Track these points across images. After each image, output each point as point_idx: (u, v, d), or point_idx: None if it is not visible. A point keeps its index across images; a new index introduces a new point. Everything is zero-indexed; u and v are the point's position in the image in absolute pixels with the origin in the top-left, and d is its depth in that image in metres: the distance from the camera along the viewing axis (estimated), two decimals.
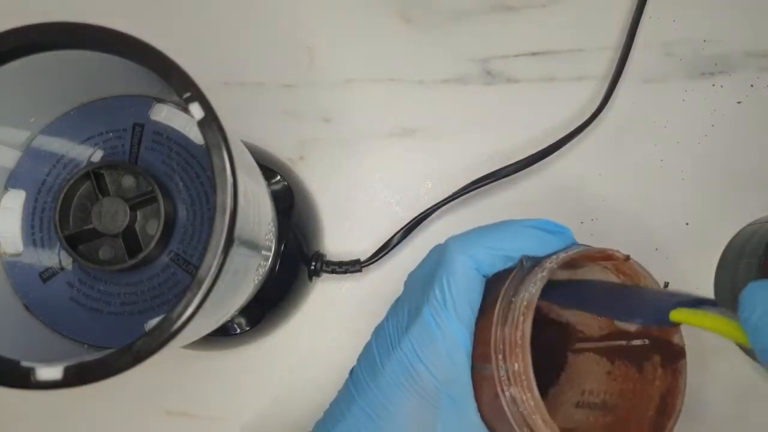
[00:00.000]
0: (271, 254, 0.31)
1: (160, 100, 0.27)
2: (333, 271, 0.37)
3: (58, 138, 0.27)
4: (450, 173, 0.39)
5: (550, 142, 0.37)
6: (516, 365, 0.24)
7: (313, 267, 0.36)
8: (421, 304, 0.27)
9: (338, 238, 0.39)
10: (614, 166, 0.39)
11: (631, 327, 0.29)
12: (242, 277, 0.25)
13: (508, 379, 0.24)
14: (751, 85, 0.39)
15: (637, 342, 0.29)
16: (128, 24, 0.23)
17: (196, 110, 0.21)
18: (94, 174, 0.26)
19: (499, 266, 0.27)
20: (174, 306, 0.20)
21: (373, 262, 0.37)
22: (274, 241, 0.31)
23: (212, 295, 0.20)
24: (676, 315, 0.20)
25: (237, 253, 0.21)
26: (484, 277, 0.27)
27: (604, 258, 0.27)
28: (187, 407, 0.38)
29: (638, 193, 0.39)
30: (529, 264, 0.26)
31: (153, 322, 0.25)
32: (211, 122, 0.21)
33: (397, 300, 0.31)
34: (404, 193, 0.39)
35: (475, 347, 0.26)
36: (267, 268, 0.31)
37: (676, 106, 0.39)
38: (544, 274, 0.25)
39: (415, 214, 0.37)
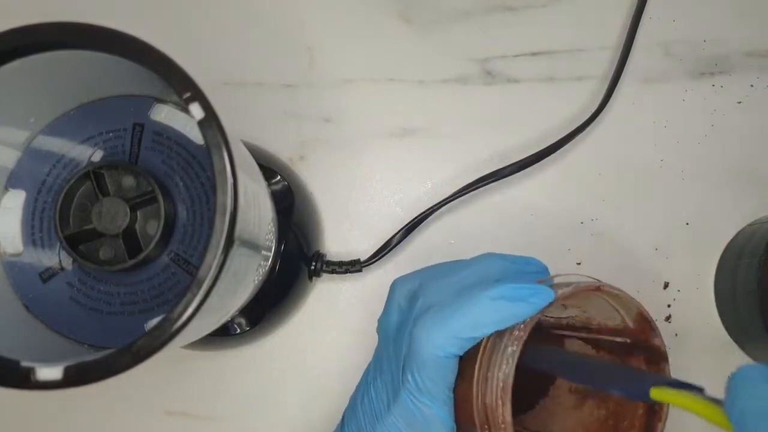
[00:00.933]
0: (271, 254, 0.31)
1: (160, 100, 0.27)
2: (333, 271, 0.37)
3: (58, 138, 0.27)
4: (450, 173, 0.39)
5: (550, 142, 0.37)
6: None
7: (313, 267, 0.36)
8: (398, 382, 0.27)
9: (338, 238, 0.39)
10: (614, 166, 0.39)
11: (612, 323, 0.29)
12: (242, 277, 0.25)
13: None
14: (751, 85, 0.39)
15: (618, 339, 0.29)
16: (128, 24, 0.23)
17: (196, 110, 0.21)
18: (94, 174, 0.26)
19: (471, 345, 0.26)
20: (174, 306, 0.20)
21: (373, 262, 0.37)
22: (274, 241, 0.31)
23: (212, 295, 0.20)
24: (656, 393, 0.21)
25: (237, 253, 0.21)
26: (457, 356, 0.27)
27: (574, 297, 0.27)
28: (187, 407, 0.38)
29: (638, 193, 0.39)
30: (498, 335, 0.26)
31: (153, 322, 0.25)
32: (211, 122, 0.21)
33: (376, 356, 0.31)
34: (404, 193, 0.39)
35: (458, 415, 0.27)
36: (267, 268, 0.31)
37: (676, 106, 0.39)
38: (514, 348, 0.25)
39: (415, 214, 0.37)
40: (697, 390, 0.20)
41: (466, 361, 0.27)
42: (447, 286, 0.29)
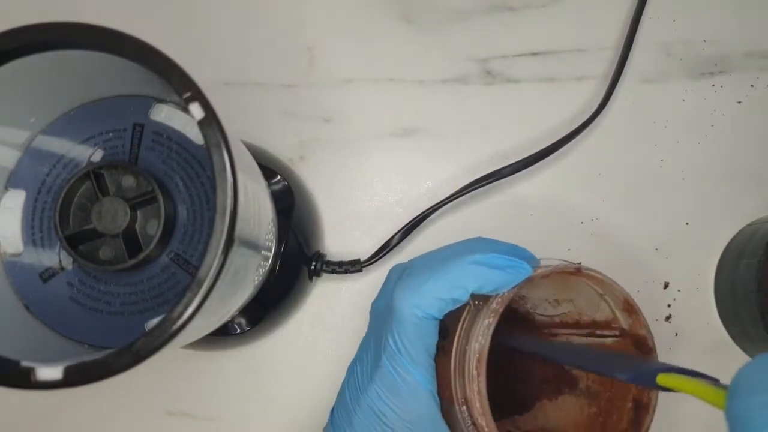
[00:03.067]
0: (271, 254, 0.31)
1: (160, 100, 0.27)
2: (333, 271, 0.37)
3: (58, 138, 0.27)
4: (450, 173, 0.39)
5: (550, 142, 0.37)
6: (478, 419, 0.24)
7: (313, 267, 0.36)
8: (380, 350, 0.28)
9: (338, 238, 0.39)
10: (614, 166, 0.39)
11: (602, 316, 0.29)
12: (242, 277, 0.25)
13: (474, 426, 0.25)
14: (751, 85, 0.39)
15: (608, 333, 0.29)
16: (128, 24, 0.23)
17: (196, 110, 0.21)
18: (94, 174, 0.26)
19: (449, 308, 0.27)
20: (174, 306, 0.20)
21: (373, 262, 0.37)
22: (274, 241, 0.31)
23: (212, 295, 0.20)
24: (663, 379, 0.21)
25: (237, 253, 0.21)
26: (436, 319, 0.27)
27: (552, 277, 0.27)
28: (187, 407, 0.38)
29: (638, 193, 0.39)
30: (478, 304, 0.27)
31: (153, 322, 0.25)
32: (211, 122, 0.21)
33: (365, 336, 0.32)
34: (404, 193, 0.39)
35: (439, 384, 0.27)
36: (267, 268, 0.31)
37: (676, 106, 0.39)
38: (490, 321, 0.25)
39: (415, 214, 0.37)
40: (709, 379, 0.20)
41: (446, 339, 0.27)
42: (431, 259, 0.29)
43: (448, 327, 0.28)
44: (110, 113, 0.27)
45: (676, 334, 0.37)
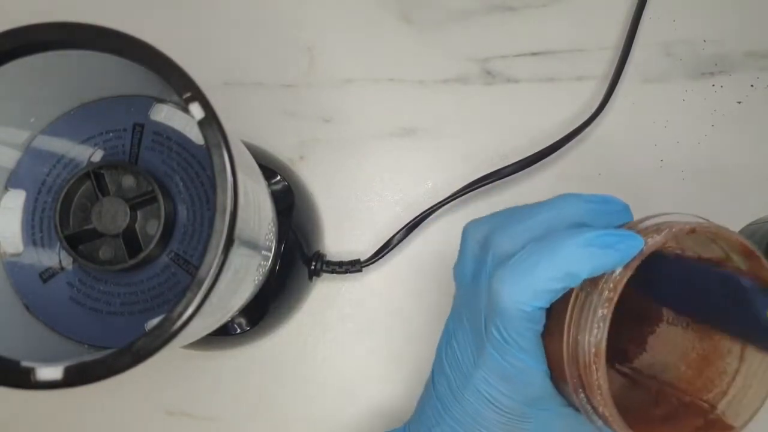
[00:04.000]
0: (271, 254, 0.31)
1: (160, 100, 0.27)
2: (333, 271, 0.37)
3: (58, 138, 0.27)
4: (450, 173, 0.39)
5: (550, 142, 0.37)
6: (600, 409, 0.23)
7: (313, 267, 0.36)
8: (481, 336, 0.26)
9: (338, 238, 0.39)
10: (614, 166, 0.39)
11: (712, 254, 0.26)
12: (242, 277, 0.25)
13: (595, 411, 0.23)
14: (751, 85, 0.39)
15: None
16: (128, 24, 0.23)
17: (196, 110, 0.21)
18: (94, 174, 0.26)
19: (557, 295, 0.24)
20: (174, 306, 0.20)
21: (373, 262, 0.37)
22: (274, 241, 0.31)
23: (212, 295, 0.20)
24: None
25: (237, 253, 0.21)
26: (544, 308, 0.25)
27: (664, 244, 0.24)
28: (187, 407, 0.38)
29: (638, 193, 0.39)
30: (588, 289, 0.24)
31: (153, 322, 0.25)
32: (211, 122, 0.21)
33: (454, 307, 0.29)
34: (404, 193, 0.39)
35: (550, 368, 0.25)
36: (267, 268, 0.31)
37: (676, 106, 0.39)
38: (605, 312, 0.22)
39: (415, 214, 0.37)
40: None
41: (554, 319, 0.25)
42: (521, 232, 0.26)
43: (552, 306, 0.25)
44: (110, 113, 0.27)
45: None
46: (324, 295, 0.39)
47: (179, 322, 0.20)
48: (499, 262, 0.26)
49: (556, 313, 0.25)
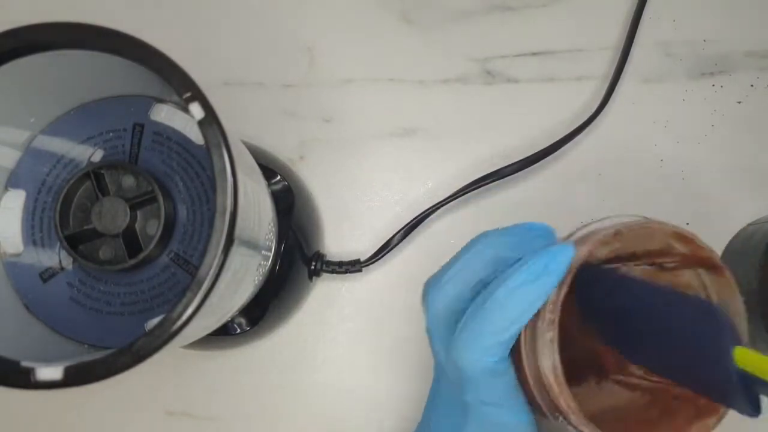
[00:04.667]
0: (271, 254, 0.31)
1: (160, 100, 0.27)
2: (333, 271, 0.37)
3: (58, 138, 0.27)
4: (450, 173, 0.39)
5: (550, 142, 0.37)
6: (580, 427, 0.23)
7: (313, 267, 0.36)
8: (460, 406, 0.26)
9: (338, 238, 0.39)
10: (614, 166, 0.39)
11: (652, 246, 0.26)
12: (242, 277, 0.25)
13: (576, 430, 0.23)
14: (751, 85, 0.39)
15: (667, 260, 0.26)
16: (128, 24, 0.23)
17: (196, 110, 0.21)
18: (94, 174, 0.26)
19: (512, 343, 0.24)
20: (174, 306, 0.20)
21: (373, 262, 0.37)
22: (274, 241, 0.31)
23: (212, 295, 0.20)
24: (742, 354, 0.18)
25: (237, 253, 0.21)
26: (503, 359, 0.25)
27: (593, 253, 0.24)
28: (187, 407, 0.38)
29: (638, 193, 0.39)
30: (533, 317, 0.24)
31: (153, 322, 0.25)
32: (211, 122, 0.21)
33: (435, 375, 0.29)
34: (404, 193, 0.39)
35: (530, 404, 0.25)
36: (267, 268, 0.31)
37: (676, 106, 0.39)
38: (552, 335, 0.23)
39: (415, 214, 0.37)
40: None
41: (515, 354, 0.25)
42: (448, 287, 0.27)
43: (513, 347, 0.25)
44: (110, 113, 0.27)
45: None
46: (324, 295, 0.39)
47: (179, 322, 0.20)
48: (437, 322, 0.26)
49: (516, 352, 0.25)
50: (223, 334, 0.34)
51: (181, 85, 0.21)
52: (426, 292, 0.28)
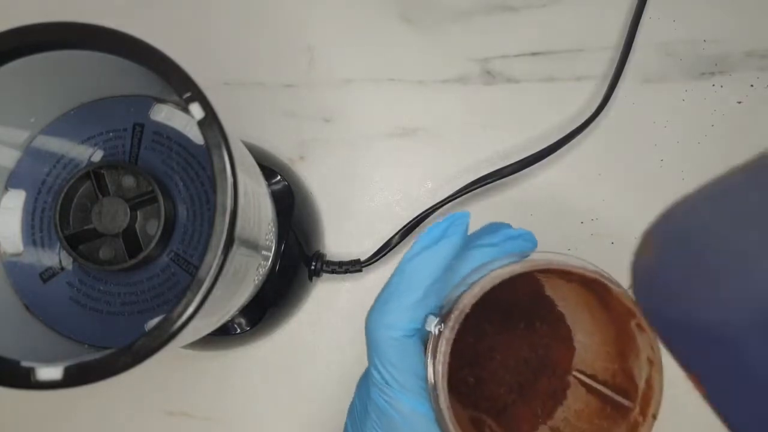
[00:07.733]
0: (271, 254, 0.31)
1: (160, 100, 0.27)
2: (333, 271, 0.37)
3: (58, 138, 0.27)
4: (450, 173, 0.39)
5: (550, 142, 0.37)
6: None
7: (313, 267, 0.36)
8: (368, 382, 0.26)
9: (338, 238, 0.39)
10: (614, 166, 0.39)
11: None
12: (242, 277, 0.25)
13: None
14: (751, 85, 0.39)
15: (624, 401, 0.26)
16: (128, 24, 0.23)
17: (196, 110, 0.21)
18: (94, 174, 0.26)
19: (420, 316, 0.24)
20: (174, 306, 0.20)
21: (373, 262, 0.37)
22: (274, 241, 0.31)
23: (212, 295, 0.20)
24: None
25: (237, 253, 0.21)
26: (418, 335, 0.25)
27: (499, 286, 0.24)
28: (187, 407, 0.38)
29: (638, 193, 0.39)
30: (440, 327, 0.25)
31: (153, 322, 0.25)
32: (211, 122, 0.21)
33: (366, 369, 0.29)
34: (404, 193, 0.39)
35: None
36: (267, 268, 0.31)
37: (676, 106, 0.39)
38: (446, 349, 0.23)
39: (415, 214, 0.37)
40: None
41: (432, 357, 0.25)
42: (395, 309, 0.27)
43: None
44: (110, 113, 0.27)
45: None
46: (324, 295, 0.39)
47: (179, 322, 0.20)
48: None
49: (432, 356, 0.25)
50: (223, 334, 0.34)
51: (181, 85, 0.21)
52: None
